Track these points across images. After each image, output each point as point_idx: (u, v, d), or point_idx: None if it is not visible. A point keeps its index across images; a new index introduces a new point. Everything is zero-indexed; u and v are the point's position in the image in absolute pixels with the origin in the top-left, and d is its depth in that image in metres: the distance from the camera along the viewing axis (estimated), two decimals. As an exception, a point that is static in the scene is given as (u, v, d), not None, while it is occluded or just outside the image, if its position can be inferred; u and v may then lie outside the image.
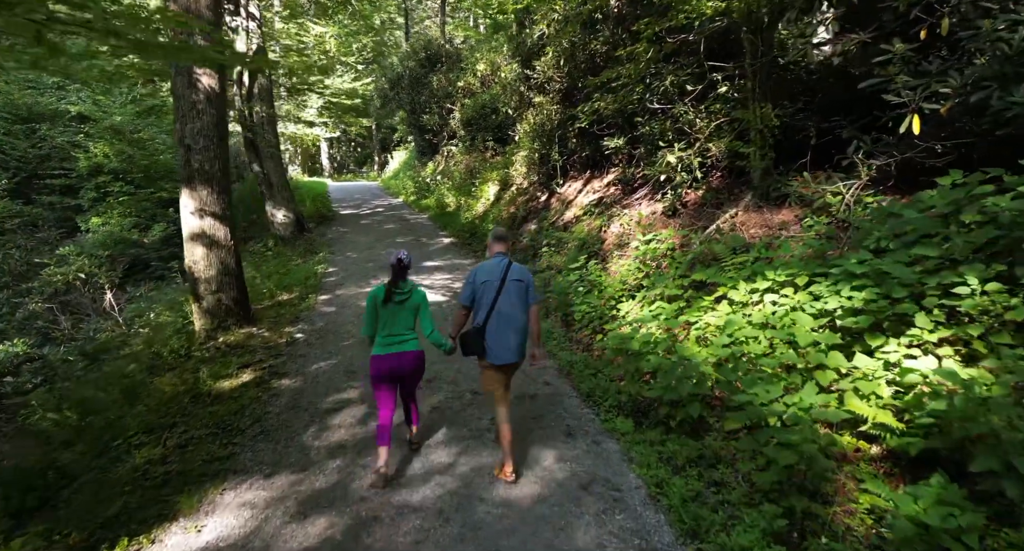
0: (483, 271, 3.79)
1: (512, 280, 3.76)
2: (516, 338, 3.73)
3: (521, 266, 3.91)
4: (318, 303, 7.67)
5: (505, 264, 3.80)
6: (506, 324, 3.69)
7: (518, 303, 3.75)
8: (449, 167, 18.70)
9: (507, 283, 3.73)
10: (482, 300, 3.74)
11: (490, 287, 3.72)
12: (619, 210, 8.37)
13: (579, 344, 6.08)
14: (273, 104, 11.69)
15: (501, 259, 3.84)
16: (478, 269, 3.83)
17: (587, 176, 10.57)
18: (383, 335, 3.78)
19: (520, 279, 3.79)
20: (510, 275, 3.76)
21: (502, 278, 3.74)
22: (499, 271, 3.76)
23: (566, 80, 9.66)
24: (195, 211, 5.92)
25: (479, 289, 3.75)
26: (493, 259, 3.87)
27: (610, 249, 7.65)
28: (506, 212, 12.34)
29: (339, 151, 43.42)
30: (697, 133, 6.82)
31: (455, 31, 28.11)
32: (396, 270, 3.80)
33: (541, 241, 9.38)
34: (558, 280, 7.62)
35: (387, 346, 3.76)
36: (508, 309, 3.70)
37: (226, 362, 5.40)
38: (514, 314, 3.72)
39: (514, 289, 3.75)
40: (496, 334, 3.68)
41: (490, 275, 3.75)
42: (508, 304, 3.71)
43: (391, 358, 3.74)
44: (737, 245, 5.33)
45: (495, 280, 3.73)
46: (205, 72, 5.72)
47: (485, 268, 3.81)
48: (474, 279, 3.78)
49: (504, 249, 3.94)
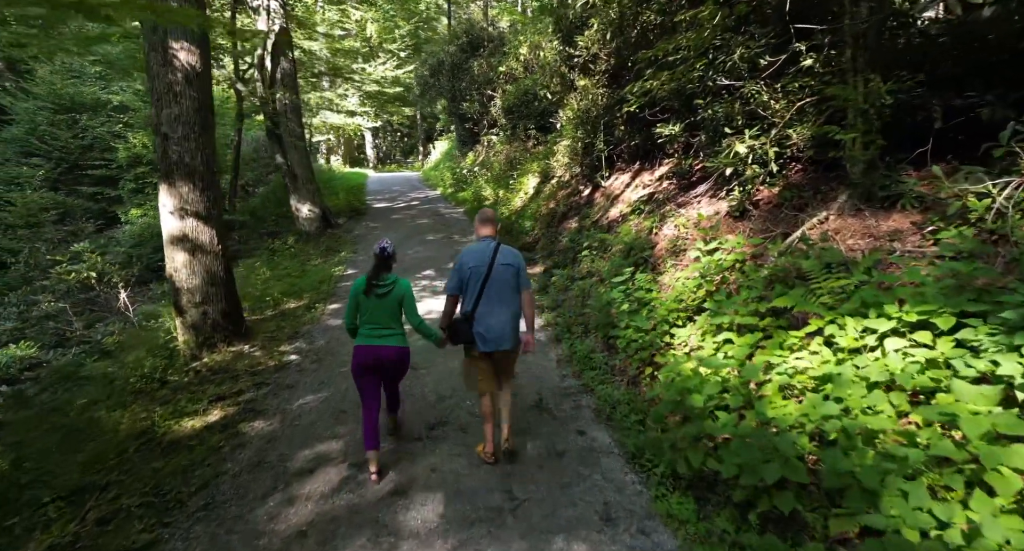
0: (470, 255, 3.63)
1: (501, 264, 3.59)
2: (508, 324, 3.59)
3: (511, 248, 3.74)
4: (325, 314, 6.81)
5: (493, 247, 3.63)
6: (496, 310, 3.56)
7: (509, 288, 3.61)
8: (489, 158, 17.68)
9: (496, 267, 3.58)
10: (470, 286, 3.59)
11: (478, 272, 3.57)
12: (673, 209, 7.15)
13: (624, 376, 4.97)
14: (298, 90, 10.94)
15: (489, 242, 3.67)
16: (464, 254, 3.66)
17: (636, 168, 9.34)
18: (367, 327, 3.68)
19: (510, 263, 3.62)
20: (499, 259, 3.59)
21: (490, 262, 3.57)
22: (487, 255, 3.59)
23: (613, 58, 8.44)
24: (175, 211, 5.11)
25: (467, 275, 3.59)
26: (480, 242, 3.68)
27: (662, 256, 6.46)
28: (545, 207, 11.23)
29: (384, 141, 43.15)
30: (774, 117, 5.55)
31: (500, 16, 26.95)
32: (378, 261, 3.68)
33: (582, 242, 8.26)
34: (599, 292, 6.49)
35: (369, 337, 3.65)
36: (498, 294, 3.57)
37: (199, 392, 4.59)
38: (505, 299, 3.59)
39: (504, 273, 3.59)
40: (486, 321, 3.55)
41: (478, 260, 3.59)
42: (498, 289, 3.57)
43: (372, 350, 3.62)
44: (832, 261, 4.08)
45: (483, 265, 3.57)
46: (183, 47, 4.87)
47: (472, 252, 3.63)
48: (461, 265, 3.62)
49: (491, 232, 3.74)
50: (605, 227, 8.54)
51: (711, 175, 6.77)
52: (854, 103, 4.52)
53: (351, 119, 27.43)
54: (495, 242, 3.70)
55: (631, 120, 9.01)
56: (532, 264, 9.50)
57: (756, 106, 5.67)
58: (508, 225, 11.86)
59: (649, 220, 7.23)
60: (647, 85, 6.36)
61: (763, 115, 5.64)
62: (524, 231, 10.98)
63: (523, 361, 5.54)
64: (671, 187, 7.81)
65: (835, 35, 5.09)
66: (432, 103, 24.84)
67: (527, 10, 27.50)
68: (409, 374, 5.07)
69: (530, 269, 9.27)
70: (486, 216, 3.83)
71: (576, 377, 5.16)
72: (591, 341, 5.83)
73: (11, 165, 16.33)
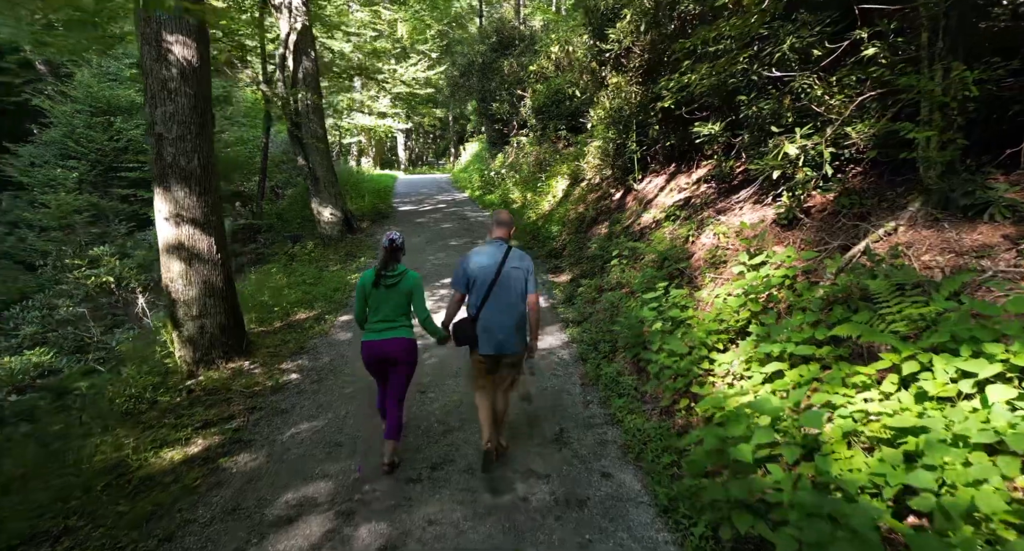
0: (480, 255, 3.56)
1: (511, 267, 3.53)
2: (513, 329, 3.51)
3: (522, 251, 3.65)
4: (334, 327, 6.42)
5: (504, 249, 3.58)
6: (502, 313, 3.49)
7: (516, 291, 3.54)
8: (518, 159, 17.22)
9: (505, 269, 3.51)
10: (477, 287, 3.52)
11: (486, 273, 3.50)
12: (712, 215, 6.54)
13: (655, 405, 4.42)
14: (320, 91, 10.66)
15: (500, 244, 3.61)
16: (473, 253, 3.60)
17: (671, 170, 8.73)
18: (374, 320, 3.67)
19: (519, 266, 3.56)
20: (509, 261, 3.53)
21: (500, 264, 3.50)
22: (497, 256, 3.53)
23: (648, 53, 7.85)
24: (170, 217, 4.78)
25: (474, 274, 3.52)
26: (492, 244, 3.61)
27: (700, 268, 5.86)
28: (573, 211, 10.69)
29: (416, 143, 43.19)
30: (829, 113, 4.91)
31: (533, 15, 26.45)
32: (387, 252, 3.66)
33: (611, 250, 7.70)
34: (629, 306, 5.93)
35: (376, 332, 3.64)
36: (505, 297, 3.50)
37: (187, 416, 4.22)
38: (511, 303, 3.52)
39: (513, 276, 3.53)
40: (490, 323, 3.49)
41: (487, 260, 3.53)
42: (505, 293, 3.51)
43: (379, 344, 3.62)
44: (905, 281, 3.45)
45: (492, 266, 3.51)
46: (178, 40, 4.53)
47: (482, 252, 3.57)
48: (468, 264, 3.55)
49: (505, 235, 3.66)
50: (637, 234, 7.96)
51: (755, 178, 6.14)
52: (930, 96, 3.87)
53: (382, 121, 27.33)
54: (506, 244, 3.63)
55: (666, 119, 8.41)
56: (558, 272, 8.98)
57: (809, 102, 5.04)
58: (534, 230, 11.36)
59: (685, 227, 6.63)
60: (684, 79, 5.77)
61: (817, 112, 5.01)
62: (551, 237, 10.46)
63: (546, 384, 5.04)
64: (710, 191, 7.19)
65: (906, 19, 4.44)
66: (462, 104, 24.55)
67: (560, 8, 26.94)
68: (416, 398, 4.63)
69: (556, 277, 8.74)
70: (502, 219, 3.71)
71: (602, 404, 4.62)
72: (619, 362, 5.28)
73: (49, 167, 16.62)
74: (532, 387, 4.97)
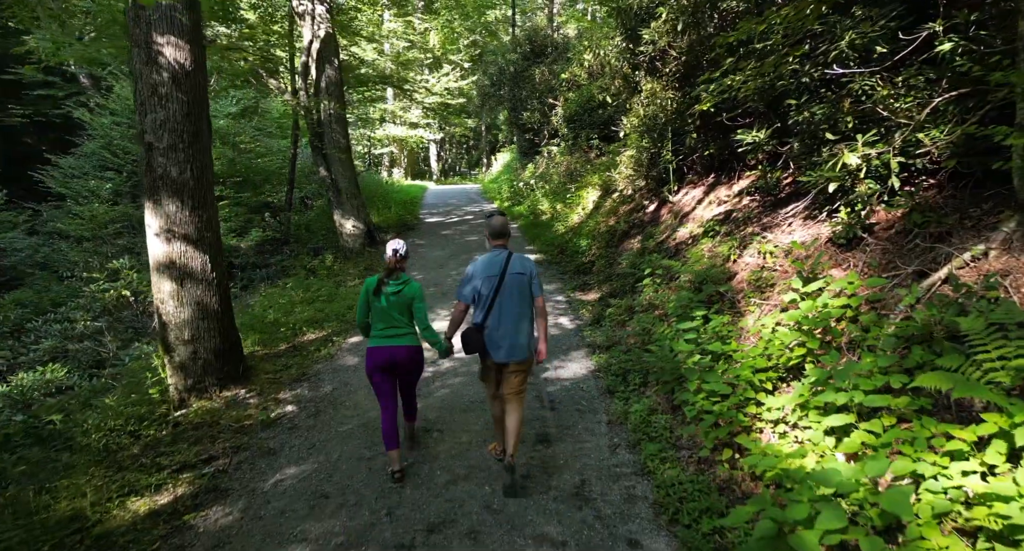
0: (482, 265, 3.60)
1: (513, 273, 3.57)
2: (520, 335, 3.57)
3: (523, 257, 3.70)
4: (341, 350, 6.01)
5: (505, 256, 3.62)
6: (508, 320, 3.55)
7: (521, 297, 3.59)
8: (548, 169, 16.73)
9: (508, 276, 3.56)
10: (482, 296, 3.58)
11: (490, 282, 3.56)
12: (756, 231, 5.91)
13: (693, 452, 3.83)
14: (344, 100, 10.42)
15: (500, 251, 3.65)
16: (476, 263, 3.65)
17: (710, 181, 8.10)
18: (379, 327, 3.75)
19: (522, 272, 3.60)
20: (511, 268, 3.58)
21: (502, 272, 3.56)
22: (499, 264, 3.58)
23: (685, 55, 7.28)
24: (160, 232, 4.44)
25: (478, 284, 3.58)
26: (492, 252, 3.66)
27: (743, 291, 5.25)
28: (604, 224, 10.12)
29: (449, 153, 43.24)
30: (898, 117, 4.26)
31: (566, 23, 26.04)
32: (391, 264, 3.74)
33: (643, 268, 7.11)
34: (662, 332, 5.35)
35: (381, 338, 3.72)
36: (510, 304, 3.55)
37: (167, 455, 3.83)
38: (517, 310, 3.57)
39: (516, 282, 3.58)
40: (498, 331, 3.54)
41: (490, 269, 3.58)
42: (510, 299, 3.56)
43: (384, 351, 3.69)
44: (1007, 320, 2.80)
45: (495, 274, 3.56)
46: (169, 41, 4.21)
47: (484, 262, 3.61)
48: (472, 274, 3.62)
49: (503, 243, 3.70)
50: (672, 250, 7.36)
51: (805, 191, 5.49)
52: (1030, 95, 3.23)
53: (413, 131, 27.27)
54: (507, 252, 3.66)
55: (704, 126, 7.81)
56: (586, 290, 8.42)
57: (873, 104, 4.40)
58: (562, 244, 10.83)
59: (726, 245, 6.01)
60: (727, 81, 5.19)
61: (883, 115, 4.37)
62: (579, 251, 9.91)
63: (568, 422, 4.50)
64: (753, 204, 6.56)
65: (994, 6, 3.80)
66: (492, 113, 24.28)
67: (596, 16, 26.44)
68: (420, 437, 4.16)
69: (584, 295, 8.19)
70: (499, 230, 3.68)
71: (631, 449, 4.06)
72: (651, 396, 4.70)
73: (87, 178, 16.93)
74: (552, 426, 4.43)
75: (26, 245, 13.22)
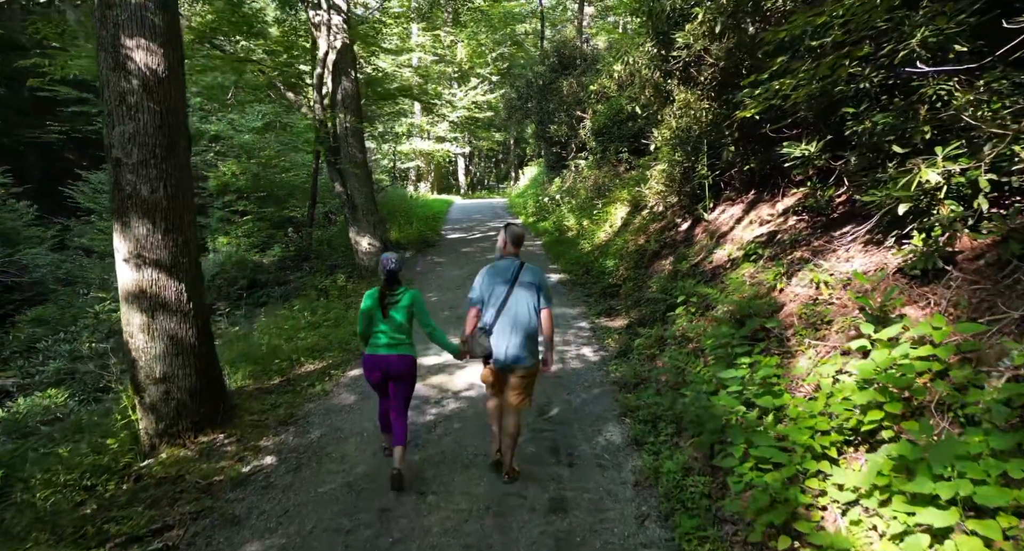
0: (494, 271, 3.75)
1: (523, 282, 3.69)
2: (525, 342, 3.65)
3: (534, 268, 3.82)
4: (338, 386, 5.48)
5: (517, 265, 3.75)
6: (514, 327, 3.63)
7: (528, 306, 3.67)
8: (575, 184, 16.14)
9: (517, 285, 3.69)
10: (491, 301, 3.69)
11: (500, 288, 3.68)
12: (806, 256, 5.21)
13: (736, 529, 3.15)
14: (361, 113, 10.04)
15: (513, 260, 3.78)
16: (488, 269, 3.79)
17: (749, 198, 7.39)
18: (377, 336, 3.86)
19: (532, 282, 3.71)
20: (521, 277, 3.71)
21: (512, 280, 3.69)
22: (510, 272, 3.71)
23: (723, 61, 6.63)
24: (129, 258, 3.98)
25: (489, 290, 3.70)
26: (505, 260, 3.79)
27: (793, 326, 4.54)
28: (633, 243, 9.46)
29: (477, 167, 43.08)
30: (989, 127, 3.55)
31: (596, 35, 25.54)
32: (390, 277, 3.88)
33: (676, 293, 6.44)
34: (697, 373, 4.67)
35: (378, 347, 3.84)
36: (517, 311, 3.65)
37: (114, 523, 3.28)
38: (523, 318, 3.65)
39: (525, 291, 3.69)
40: (503, 337, 3.63)
41: (501, 276, 3.72)
42: (517, 306, 3.66)
43: (382, 359, 3.81)
44: None
45: (506, 282, 3.69)
46: (139, 44, 3.77)
47: (497, 269, 3.76)
48: (483, 280, 3.76)
49: (516, 252, 3.82)
50: (708, 274, 6.67)
51: (865, 212, 4.77)
52: None
53: (439, 145, 27.03)
54: (519, 261, 3.79)
55: (744, 138, 7.14)
56: (612, 315, 7.76)
57: (956, 112, 3.70)
58: (587, 263, 10.19)
59: (771, 271, 5.31)
60: (775, 85, 4.53)
61: (968, 125, 3.66)
62: (606, 271, 9.25)
63: (587, 482, 3.86)
64: (800, 225, 5.85)
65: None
66: (519, 126, 23.87)
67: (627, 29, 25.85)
68: (411, 506, 3.55)
69: (610, 321, 7.53)
70: (516, 238, 3.81)
71: (662, 522, 3.40)
72: (686, 452, 4.02)
73: (114, 194, 17.02)
74: (569, 487, 3.79)
75: (48, 261, 13.19)
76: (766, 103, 4.71)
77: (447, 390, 5.52)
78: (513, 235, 3.79)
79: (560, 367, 5.97)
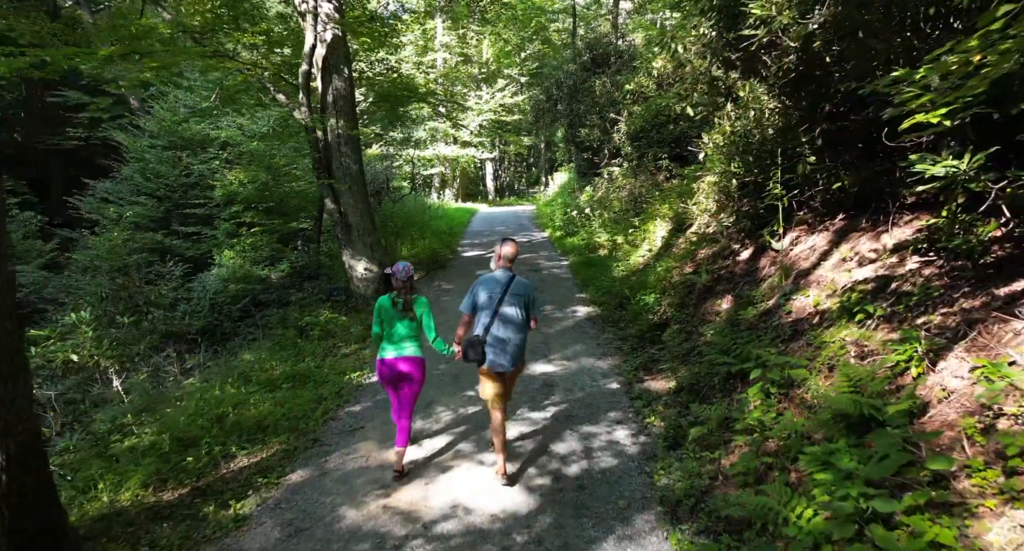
0: (487, 282, 4.05)
1: (513, 294, 3.99)
2: (514, 348, 4.01)
3: (526, 282, 4.15)
4: (267, 505, 3.74)
5: (509, 278, 4.03)
6: (504, 335, 3.96)
7: (517, 315, 4.00)
8: (608, 194, 14.44)
9: (508, 296, 3.97)
10: (483, 310, 3.98)
11: (492, 299, 3.96)
12: (953, 322, 3.50)
13: None
14: (355, 117, 8.61)
15: (506, 272, 4.06)
16: (481, 280, 4.08)
17: (836, 224, 5.66)
18: (390, 338, 4.25)
19: (521, 294, 4.03)
20: (512, 289, 3.99)
21: (504, 291, 3.97)
22: (502, 284, 3.99)
23: (818, 39, 4.88)
24: None
25: (481, 299, 3.99)
26: (499, 271, 4.07)
27: (955, 446, 2.84)
28: (678, 273, 7.76)
29: (506, 172, 41.65)
30: None
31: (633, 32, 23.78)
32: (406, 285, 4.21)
33: (744, 355, 4.76)
34: (793, 510, 3.00)
35: (392, 348, 4.22)
36: (507, 320, 3.97)
37: None
38: (513, 326, 3.98)
39: (514, 302, 3.99)
40: (496, 344, 3.95)
41: (493, 287, 4.00)
42: (507, 316, 3.97)
43: (391, 361, 4.20)
44: None
45: (497, 293, 3.97)
46: None
47: (490, 279, 4.05)
48: (476, 290, 4.04)
49: (510, 264, 4.10)
50: (786, 329, 4.97)
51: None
52: None
53: (464, 150, 25.63)
54: (511, 274, 4.07)
55: (832, 145, 5.41)
56: (654, 372, 6.06)
57: None
58: (620, 293, 8.50)
59: (901, 350, 3.58)
60: (923, 72, 2.83)
61: None
62: (646, 308, 7.56)
63: None
64: (930, 273, 4.11)
65: None
66: (548, 129, 22.26)
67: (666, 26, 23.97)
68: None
69: (652, 380, 5.88)
70: (510, 253, 4.09)
71: None
72: None
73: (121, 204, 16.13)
74: None
75: (34, 279, 12.20)
76: (907, 94, 3.00)
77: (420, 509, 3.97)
78: (507, 251, 4.10)
79: (584, 467, 4.32)
